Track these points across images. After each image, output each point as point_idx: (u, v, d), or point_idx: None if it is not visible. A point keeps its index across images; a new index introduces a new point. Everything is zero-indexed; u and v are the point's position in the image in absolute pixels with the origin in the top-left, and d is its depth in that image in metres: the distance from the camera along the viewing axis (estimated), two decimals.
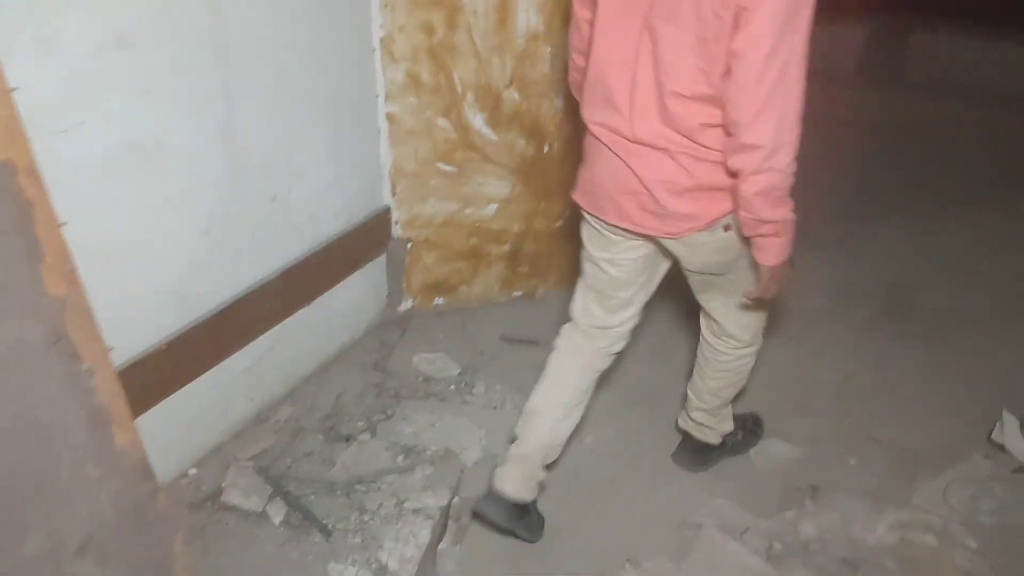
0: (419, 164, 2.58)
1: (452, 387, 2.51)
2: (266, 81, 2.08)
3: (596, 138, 1.75)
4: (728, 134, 1.55)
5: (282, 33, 2.08)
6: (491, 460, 2.23)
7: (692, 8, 1.50)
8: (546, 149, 2.67)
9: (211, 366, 2.15)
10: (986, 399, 2.48)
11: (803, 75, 1.47)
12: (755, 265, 1.69)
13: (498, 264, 2.83)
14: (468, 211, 2.70)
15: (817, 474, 2.21)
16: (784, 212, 1.58)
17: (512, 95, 2.56)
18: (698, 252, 1.76)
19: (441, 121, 2.53)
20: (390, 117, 2.49)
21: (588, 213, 1.86)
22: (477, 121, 2.57)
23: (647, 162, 1.67)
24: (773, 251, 1.63)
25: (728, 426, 2.23)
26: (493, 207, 2.72)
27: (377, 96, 2.46)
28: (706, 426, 2.20)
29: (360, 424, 2.34)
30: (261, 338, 2.28)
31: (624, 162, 1.70)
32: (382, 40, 2.38)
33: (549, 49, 2.52)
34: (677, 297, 2.83)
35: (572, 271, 2.92)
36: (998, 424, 2.33)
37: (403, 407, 2.40)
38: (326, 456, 2.22)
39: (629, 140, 1.68)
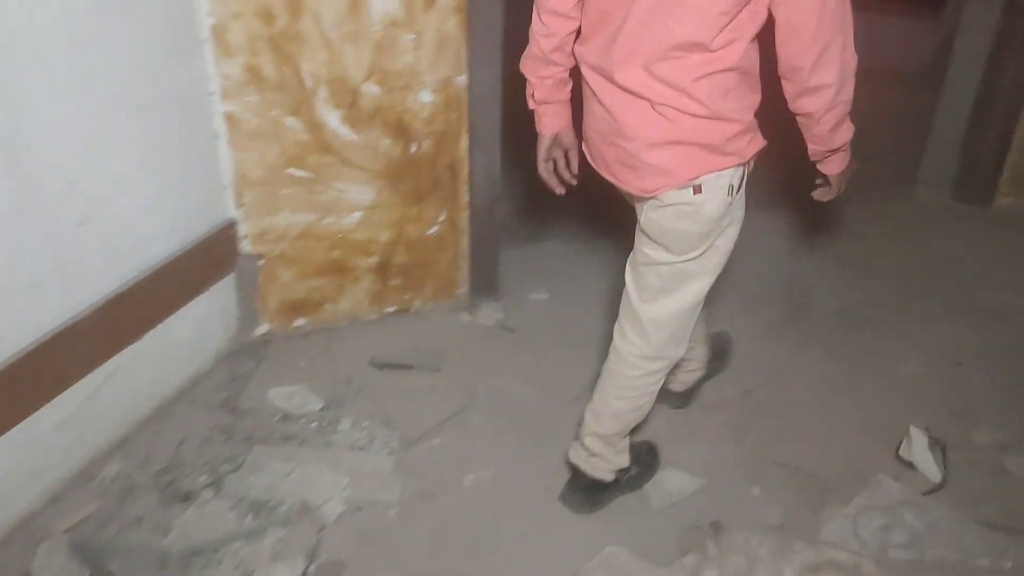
0: (267, 170, 2.25)
1: (313, 425, 2.20)
2: (62, 82, 1.73)
3: (587, 80, 1.65)
4: (786, 81, 1.52)
5: (80, 23, 1.73)
6: (356, 513, 1.95)
7: None
8: (414, 149, 2.38)
9: (13, 424, 1.80)
10: (891, 409, 2.33)
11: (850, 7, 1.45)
12: (728, 239, 1.71)
13: (366, 278, 2.53)
14: (328, 221, 2.39)
15: (719, 508, 2.01)
16: (850, 131, 1.62)
17: (372, 89, 2.26)
18: (665, 216, 1.65)
19: (290, 121, 2.21)
20: (229, 118, 2.15)
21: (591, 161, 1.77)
22: (332, 120, 2.25)
23: (627, 108, 1.58)
24: (840, 162, 1.70)
25: (623, 460, 2.00)
26: (357, 215, 2.42)
27: (211, 94, 2.11)
28: (600, 457, 1.97)
29: (203, 478, 2.02)
30: (78, 384, 1.93)
31: (606, 108, 1.62)
32: (213, 29, 2.04)
33: (412, 36, 2.21)
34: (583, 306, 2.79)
35: (451, 281, 2.67)
36: (905, 440, 2.18)
37: (255, 454, 2.09)
38: (160, 521, 1.90)
39: (616, 86, 1.58)
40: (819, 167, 1.73)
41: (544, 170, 1.86)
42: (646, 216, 1.68)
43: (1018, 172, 3.26)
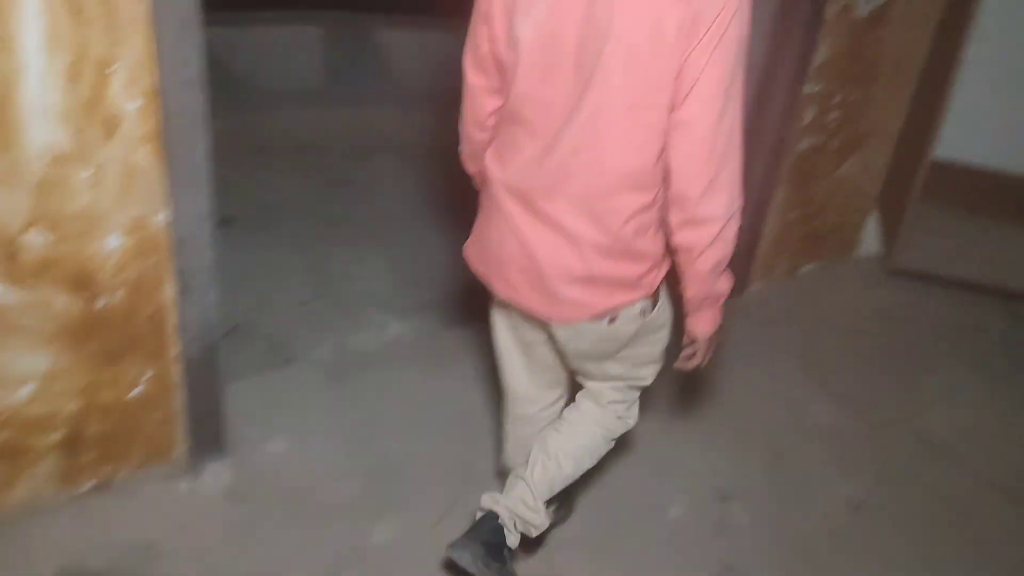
0: None
1: None
2: None
3: (496, 200, 1.62)
4: (672, 209, 1.49)
5: None
6: None
7: (630, 70, 1.39)
8: (102, 303, 1.91)
9: None
10: None
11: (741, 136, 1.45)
12: (658, 342, 1.77)
13: (50, 457, 2.02)
14: None
15: None
16: (730, 281, 1.60)
17: (36, 239, 1.77)
18: (583, 338, 1.69)
19: None
20: None
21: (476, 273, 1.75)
22: None
23: (543, 240, 1.57)
24: (713, 320, 1.65)
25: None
26: (29, 387, 1.91)
27: None
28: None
29: None
30: None
31: (517, 235, 1.59)
32: None
33: (88, 173, 1.76)
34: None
35: (164, 443, 2.20)
36: None
37: None
38: None
39: (530, 212, 1.57)
40: (690, 324, 1.66)
41: None
42: (558, 334, 1.70)
43: (767, 261, 3.29)
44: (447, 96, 2.09)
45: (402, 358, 2.77)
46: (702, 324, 1.64)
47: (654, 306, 1.67)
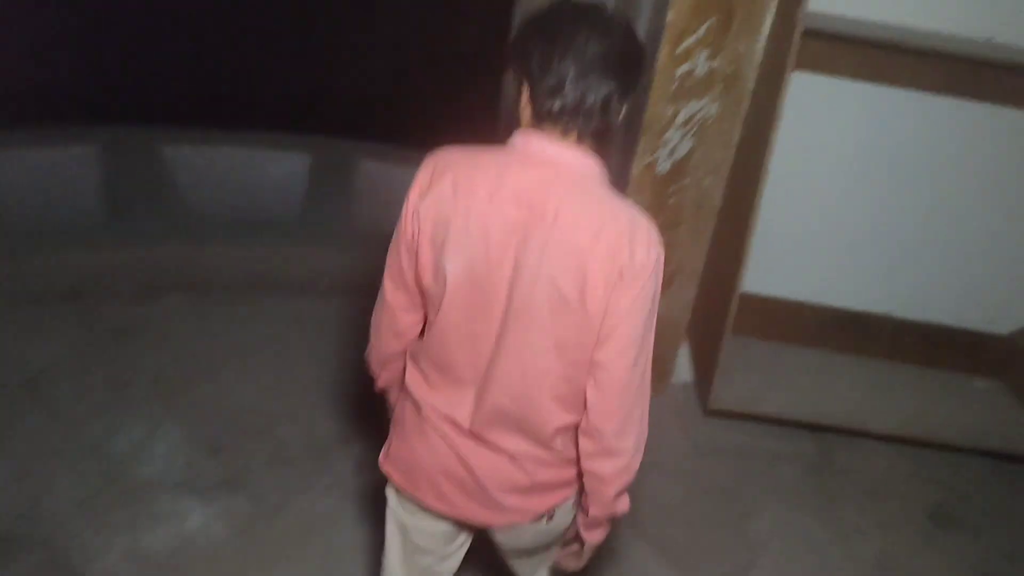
0: None
1: None
2: None
3: (428, 420, 1.65)
4: (585, 439, 1.57)
5: None
6: None
7: (557, 313, 1.49)
8: None
9: None
10: None
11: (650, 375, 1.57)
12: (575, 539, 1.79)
13: None
14: None
15: None
16: (627, 504, 1.66)
17: None
18: (521, 537, 1.77)
19: None
20: None
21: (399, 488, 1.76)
22: None
23: (482, 460, 1.63)
24: (605, 532, 1.73)
25: None
26: None
27: None
28: None
29: None
30: None
31: (455, 451, 1.64)
32: None
33: None
34: None
35: None
36: None
37: None
38: None
39: (466, 434, 1.63)
40: (584, 532, 1.72)
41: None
42: (496, 536, 1.79)
43: None
44: (245, 220, 1.96)
45: (209, 557, 2.46)
46: (596, 535, 1.73)
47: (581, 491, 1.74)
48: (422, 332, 1.68)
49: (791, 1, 2.75)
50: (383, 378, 1.82)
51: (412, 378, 1.67)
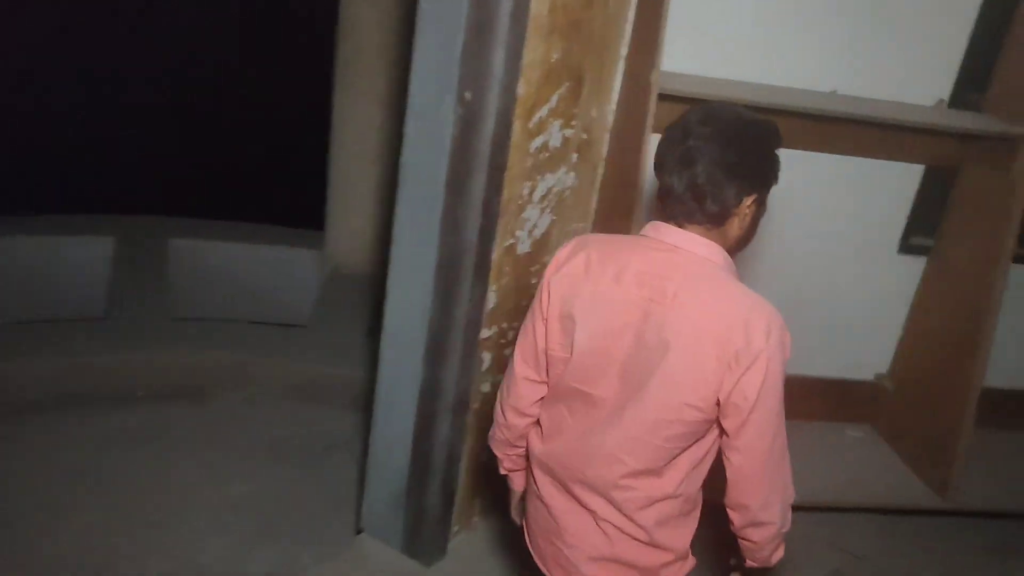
0: None
1: None
2: None
3: (533, 480, 1.82)
4: (733, 513, 1.67)
5: None
6: None
7: (668, 389, 1.58)
8: None
9: None
10: None
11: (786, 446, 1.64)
12: None
13: None
14: None
15: None
16: (783, 550, 1.76)
17: None
18: None
19: None
20: None
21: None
22: None
23: (571, 517, 1.74)
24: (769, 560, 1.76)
25: None
26: None
27: None
28: None
29: None
30: None
31: (550, 512, 1.77)
32: None
33: None
34: None
35: None
36: None
37: None
38: None
39: (567, 493, 1.74)
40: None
41: (517, 516, 2.05)
42: None
43: (465, 508, 2.92)
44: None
45: None
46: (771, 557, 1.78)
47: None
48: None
49: (640, 62, 2.58)
50: (508, 460, 1.95)
51: (534, 442, 1.84)
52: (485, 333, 2.58)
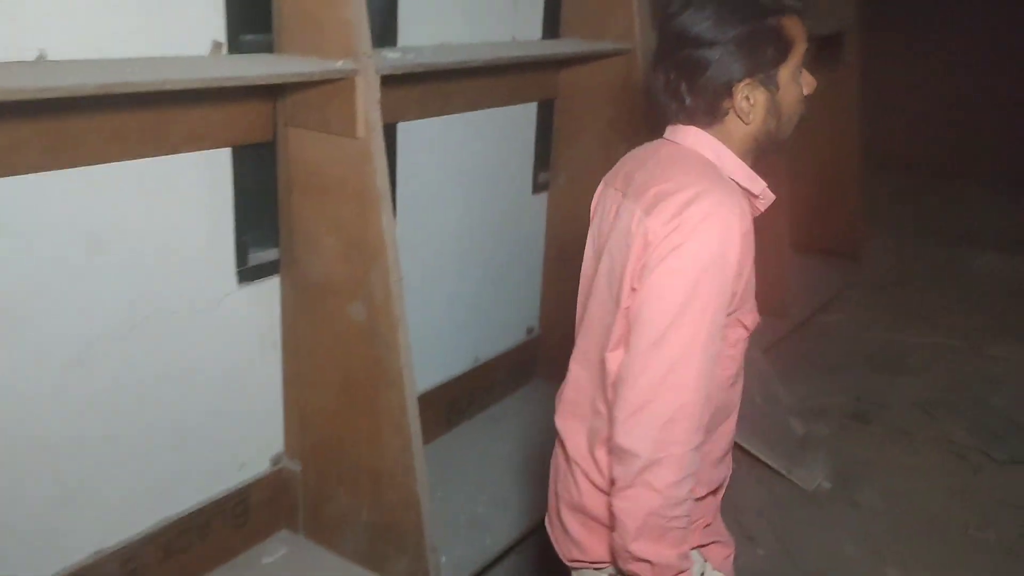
0: None
1: None
2: None
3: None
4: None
5: None
6: None
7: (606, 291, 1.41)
8: None
9: None
10: None
11: (706, 381, 1.27)
12: None
13: None
14: None
15: None
16: (661, 551, 1.26)
17: None
18: None
19: None
20: None
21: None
22: None
23: (556, 457, 1.55)
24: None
25: None
26: None
27: None
28: None
29: None
30: None
31: (554, 456, 1.58)
32: None
33: None
34: None
35: None
36: None
37: None
38: None
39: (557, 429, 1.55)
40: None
41: None
42: None
43: None
44: None
45: None
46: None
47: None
48: None
49: None
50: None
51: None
52: None
